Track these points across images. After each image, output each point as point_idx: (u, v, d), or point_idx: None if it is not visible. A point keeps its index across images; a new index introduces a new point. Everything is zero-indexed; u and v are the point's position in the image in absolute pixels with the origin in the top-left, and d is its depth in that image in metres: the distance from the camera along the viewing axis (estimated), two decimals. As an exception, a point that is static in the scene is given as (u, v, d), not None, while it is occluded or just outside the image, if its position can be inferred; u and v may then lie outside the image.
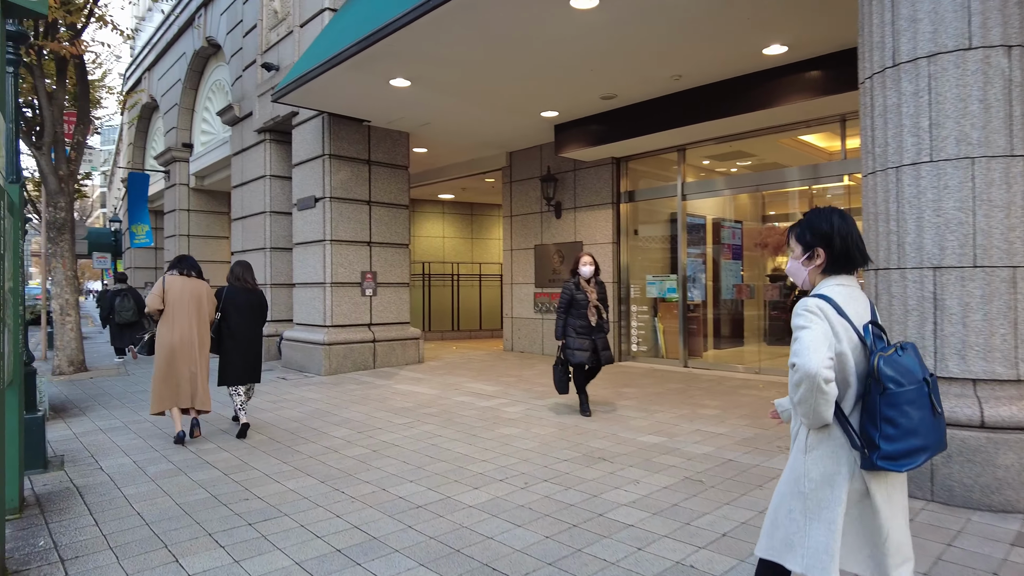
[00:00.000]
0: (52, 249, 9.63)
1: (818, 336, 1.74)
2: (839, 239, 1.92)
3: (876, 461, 1.73)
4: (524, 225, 11.56)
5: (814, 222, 1.97)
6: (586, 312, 6.02)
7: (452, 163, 12.68)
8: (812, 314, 1.80)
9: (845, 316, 1.81)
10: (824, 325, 1.78)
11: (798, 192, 9.03)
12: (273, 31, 10.69)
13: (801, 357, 1.73)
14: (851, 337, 1.81)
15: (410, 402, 6.98)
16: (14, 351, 3.80)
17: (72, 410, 6.89)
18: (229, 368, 5.81)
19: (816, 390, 1.71)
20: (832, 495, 1.81)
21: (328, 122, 9.29)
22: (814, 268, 1.97)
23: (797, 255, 2.01)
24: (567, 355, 6.06)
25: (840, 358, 1.79)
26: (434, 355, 11.20)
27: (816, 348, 1.72)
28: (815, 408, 1.74)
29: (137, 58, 19.43)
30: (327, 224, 9.24)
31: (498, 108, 8.92)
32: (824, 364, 1.70)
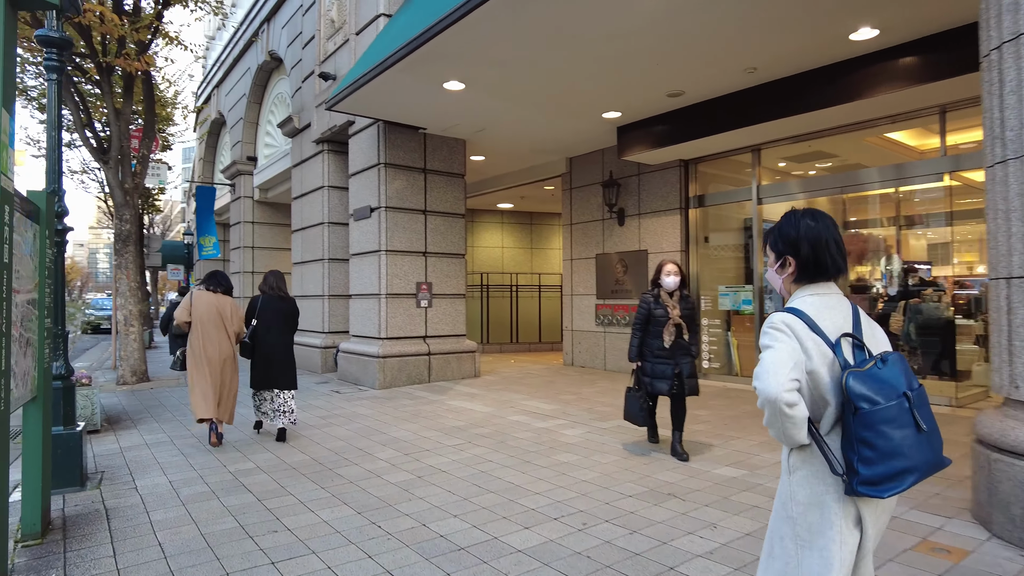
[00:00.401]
0: (118, 261, 9.80)
1: (781, 356, 1.63)
2: (807, 245, 1.77)
3: (856, 487, 1.58)
4: (585, 234, 11.04)
5: (783, 227, 1.84)
6: (663, 331, 5.07)
7: (510, 171, 12.31)
8: (777, 331, 1.67)
9: (817, 330, 1.67)
10: (790, 343, 1.65)
11: (885, 195, 8.18)
12: (330, 40, 10.63)
13: (761, 380, 1.62)
14: (824, 352, 1.66)
15: (462, 420, 6.57)
16: (38, 366, 3.59)
17: (125, 422, 6.82)
18: (257, 372, 5.97)
19: (779, 414, 1.59)
20: (822, 519, 1.66)
21: (383, 130, 9.08)
22: (787, 277, 1.83)
23: (772, 263, 1.88)
24: (644, 383, 5.13)
25: (812, 376, 1.65)
26: (491, 368, 10.79)
27: (777, 370, 1.60)
28: (783, 431, 1.63)
29: (207, 76, 20.07)
30: (382, 234, 9.01)
31: (557, 110, 8.48)
32: (784, 387, 1.58)
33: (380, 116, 8.87)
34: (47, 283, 3.71)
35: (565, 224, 11.51)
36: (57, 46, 4.64)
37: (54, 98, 4.64)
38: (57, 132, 4.64)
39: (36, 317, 3.56)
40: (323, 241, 10.93)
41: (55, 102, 4.64)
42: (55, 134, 4.63)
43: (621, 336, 10.23)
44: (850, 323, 1.73)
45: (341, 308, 10.87)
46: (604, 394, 8.08)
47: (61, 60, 4.68)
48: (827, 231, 1.77)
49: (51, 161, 4.62)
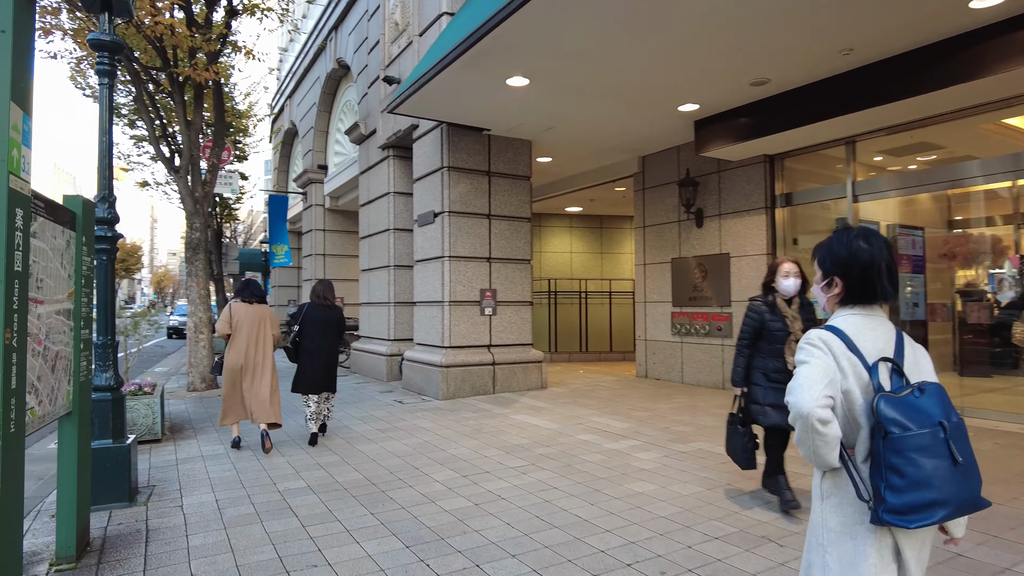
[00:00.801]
0: (189, 268, 9.93)
1: (815, 372, 1.61)
2: (857, 268, 1.70)
3: (882, 515, 1.51)
4: (659, 236, 10.39)
5: (834, 246, 1.77)
6: (783, 349, 4.06)
7: (578, 172, 11.80)
8: (813, 347, 1.65)
9: (855, 350, 1.64)
10: (826, 359, 1.62)
11: (999, 190, 7.19)
12: (394, 44, 10.47)
13: (794, 395, 1.60)
14: (860, 373, 1.62)
15: (526, 438, 6.11)
16: (73, 379, 3.39)
17: (187, 431, 6.75)
18: (302, 377, 6.19)
19: (811, 431, 1.56)
20: (855, 549, 1.60)
21: (447, 133, 8.79)
22: (832, 297, 1.77)
23: (818, 280, 1.82)
24: (752, 412, 4.15)
25: (847, 397, 1.62)
26: (559, 379, 10.29)
27: (811, 385, 1.58)
28: (814, 450, 1.59)
29: (281, 87, 20.59)
30: (445, 239, 8.70)
31: (628, 105, 7.93)
32: (818, 403, 1.55)
33: (443, 118, 8.57)
34: (84, 292, 3.52)
35: (638, 227, 10.89)
36: (109, 50, 4.53)
37: (105, 103, 4.52)
38: (108, 137, 4.52)
39: (71, 329, 3.36)
40: (389, 248, 10.76)
41: (106, 107, 4.52)
42: (105, 139, 4.51)
43: (700, 347, 9.52)
44: (892, 348, 1.67)
45: (406, 315, 10.66)
46: (682, 411, 7.44)
47: (113, 64, 4.57)
48: (880, 255, 1.69)
49: (102, 167, 4.50)
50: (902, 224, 8.49)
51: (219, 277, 23.22)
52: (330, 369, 6.30)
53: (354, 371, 12.13)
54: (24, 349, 2.58)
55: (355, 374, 11.82)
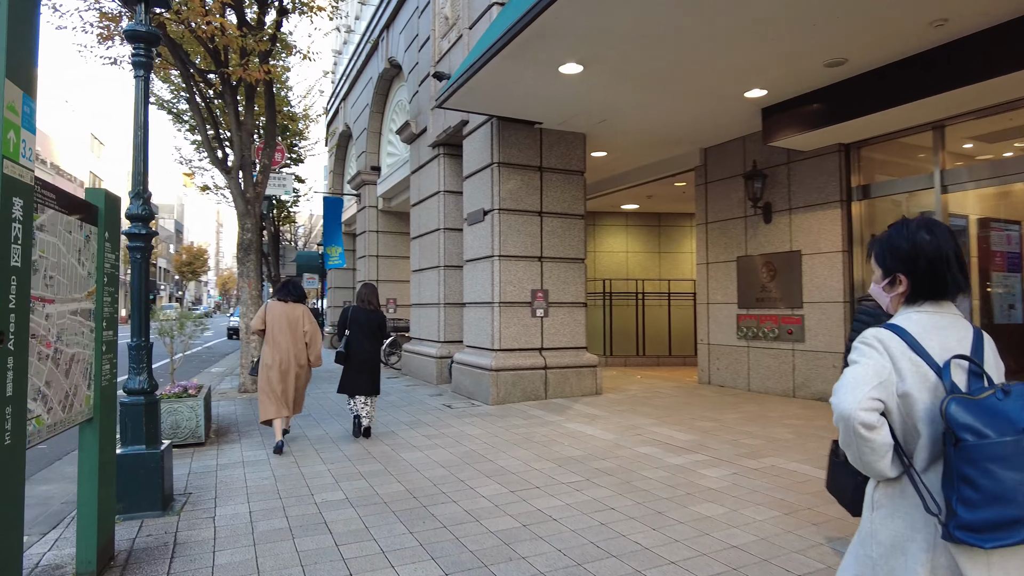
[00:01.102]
0: (240, 270, 9.93)
1: (864, 373, 1.46)
2: (923, 261, 1.54)
3: (953, 531, 1.34)
4: (723, 233, 9.77)
5: (893, 240, 1.61)
6: None
7: (635, 167, 11.27)
8: (867, 346, 1.51)
9: (919, 350, 1.47)
10: (879, 360, 1.47)
11: None
12: (444, 39, 10.21)
13: (836, 395, 1.46)
14: (924, 375, 1.45)
15: (580, 449, 5.68)
16: (94, 383, 3.18)
17: (232, 434, 6.62)
18: (346, 379, 6.38)
19: (854, 435, 1.42)
20: (906, 566, 1.44)
21: (497, 127, 8.45)
22: (896, 296, 1.60)
23: (877, 279, 1.66)
24: None
25: (905, 401, 1.45)
26: (615, 385, 9.80)
27: (856, 386, 1.44)
28: (860, 457, 1.45)
29: (335, 90, 20.75)
30: (495, 238, 8.36)
31: (690, 93, 7.40)
32: (861, 405, 1.40)
33: (492, 111, 8.24)
34: (108, 291, 3.31)
35: (699, 223, 10.29)
36: (145, 41, 4.36)
37: (141, 97, 4.36)
38: (143, 132, 4.35)
39: (91, 330, 3.15)
40: (439, 248, 10.52)
41: (142, 101, 4.36)
42: (141, 134, 4.34)
43: (768, 352, 8.86)
44: (967, 348, 1.51)
45: (456, 317, 10.38)
46: (750, 422, 6.86)
47: (149, 56, 4.40)
48: (947, 244, 1.56)
49: (137, 162, 4.34)
50: (995, 218, 7.69)
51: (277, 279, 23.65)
52: (373, 371, 6.42)
53: (405, 373, 11.95)
54: (25, 352, 2.34)
55: (406, 376, 11.63)
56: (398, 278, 16.15)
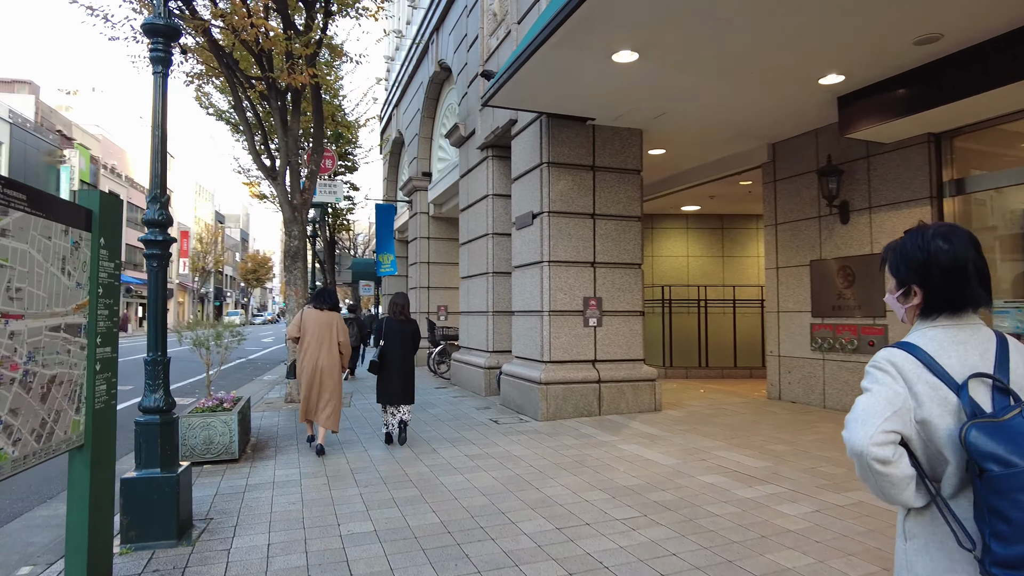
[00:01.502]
0: (287, 277, 9.77)
1: (876, 402, 1.36)
2: (938, 272, 1.43)
3: (989, 568, 1.24)
4: (795, 235, 8.97)
5: (907, 248, 1.50)
6: None
7: (696, 165, 10.56)
8: (878, 371, 1.40)
9: (937, 370, 1.36)
10: (892, 386, 1.36)
11: None
12: (492, 36, 9.81)
13: (848, 428, 1.37)
14: (944, 398, 1.34)
15: (637, 476, 5.10)
16: (86, 406, 2.85)
17: (268, 449, 6.34)
18: (382, 388, 6.48)
19: (869, 471, 1.33)
20: None
21: (546, 125, 7.97)
22: (911, 308, 1.51)
23: (892, 289, 1.56)
24: None
25: (925, 427, 1.35)
26: (675, 400, 9.12)
27: (867, 419, 1.34)
28: (880, 490, 1.36)
29: (388, 97, 20.72)
30: (544, 243, 7.86)
31: (757, 81, 6.72)
32: (874, 440, 1.31)
33: (541, 108, 7.76)
34: (104, 303, 2.99)
35: (768, 225, 9.51)
36: (163, 35, 4.08)
37: (159, 94, 4.08)
38: (160, 132, 4.07)
39: (83, 347, 2.83)
40: (487, 253, 10.10)
41: (160, 100, 4.08)
42: (159, 134, 4.06)
43: (846, 366, 8.03)
44: (990, 361, 1.38)
45: (506, 325, 9.92)
46: (828, 445, 6.11)
47: (167, 51, 4.12)
48: (965, 252, 1.42)
49: (155, 165, 4.06)
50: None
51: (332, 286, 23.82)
52: (407, 381, 6.49)
53: (454, 383, 11.58)
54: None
55: (454, 386, 11.25)
56: (449, 284, 15.85)
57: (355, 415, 8.39)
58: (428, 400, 9.53)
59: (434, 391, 10.68)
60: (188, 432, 5.72)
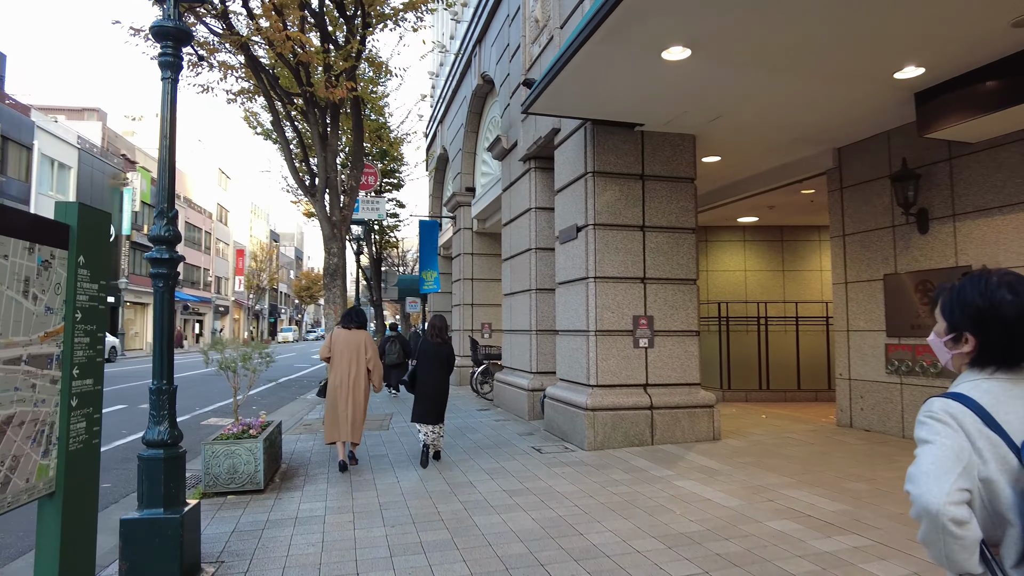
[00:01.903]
0: (326, 295, 9.53)
1: (944, 456, 1.25)
2: (998, 326, 1.33)
3: None
4: (865, 247, 8.20)
5: (967, 294, 1.39)
6: None
7: (754, 174, 9.88)
8: (939, 423, 1.30)
9: (995, 426, 1.26)
10: (956, 440, 1.26)
11: None
12: (535, 43, 9.43)
13: (917, 485, 1.25)
14: (1003, 457, 1.24)
15: (695, 520, 4.51)
16: (60, 447, 2.50)
17: (297, 478, 5.99)
18: (417, 408, 6.55)
19: (942, 533, 1.21)
20: None
21: (591, 133, 7.49)
22: (959, 355, 1.41)
23: (940, 331, 1.46)
24: None
25: (987, 486, 1.25)
26: (735, 427, 8.40)
27: (939, 474, 1.23)
28: (947, 555, 1.23)
29: (433, 114, 20.64)
30: (590, 257, 7.35)
31: (823, 77, 6.09)
32: (951, 499, 1.20)
33: (585, 114, 7.30)
34: (84, 330, 2.65)
35: (835, 236, 8.74)
36: (173, 38, 3.81)
37: (168, 101, 3.80)
38: (168, 141, 3.78)
39: (52, 380, 2.48)
40: (530, 269, 9.64)
41: (168, 107, 3.79)
42: (167, 144, 3.77)
43: (927, 391, 7.20)
44: None
45: (550, 345, 9.41)
46: (918, 484, 5.35)
47: (177, 55, 3.84)
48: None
49: (163, 178, 3.76)
50: None
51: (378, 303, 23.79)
52: (439, 402, 6.55)
53: (496, 404, 11.11)
54: None
55: (497, 408, 10.77)
56: (493, 302, 15.44)
57: (391, 439, 8.01)
58: (469, 424, 9.08)
59: (476, 413, 10.23)
60: (212, 460, 5.42)
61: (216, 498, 5.35)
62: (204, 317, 50.00)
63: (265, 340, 63.93)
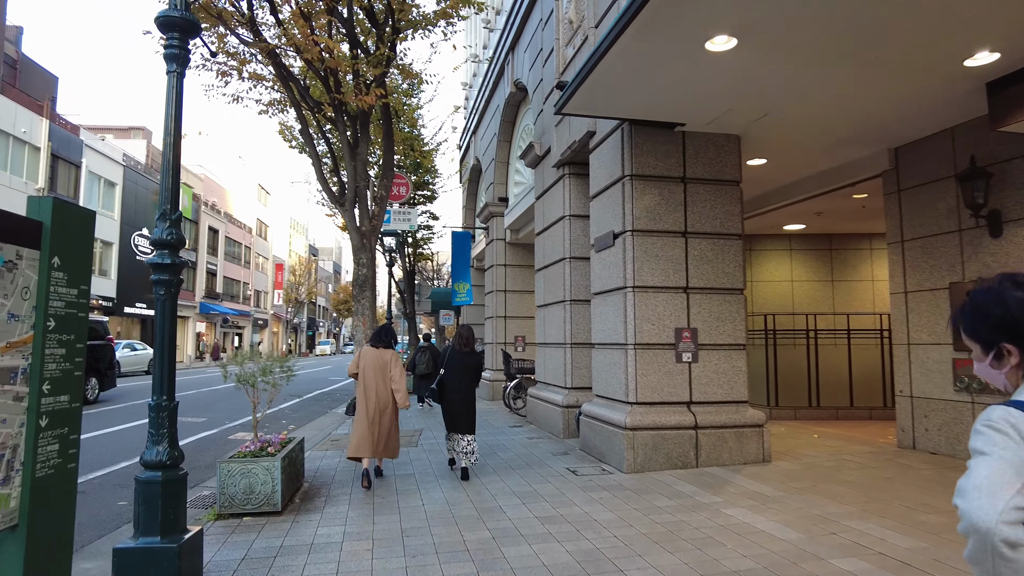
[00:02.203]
0: (355, 307, 9.29)
1: (1001, 470, 1.14)
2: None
3: None
4: (928, 254, 7.57)
5: (980, 307, 1.35)
6: None
7: (802, 177, 9.31)
8: (996, 432, 1.19)
9: None
10: (1018, 452, 1.15)
11: None
12: (569, 45, 9.09)
13: (968, 500, 1.14)
14: None
15: (749, 556, 4.02)
16: (25, 473, 2.20)
17: (318, 498, 5.68)
18: (446, 418, 6.71)
19: (992, 555, 1.10)
20: None
21: (629, 134, 7.09)
22: (1011, 369, 1.31)
23: (979, 356, 1.37)
24: None
25: None
26: (786, 447, 7.82)
27: (994, 489, 1.12)
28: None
29: (466, 125, 20.48)
30: (628, 265, 6.92)
31: (882, 66, 5.58)
32: (1004, 518, 1.09)
33: (622, 113, 6.90)
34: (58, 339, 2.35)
35: (892, 242, 8.13)
36: (180, 29, 3.57)
37: (172, 95, 3.54)
38: (173, 138, 3.52)
39: (16, 397, 2.19)
40: (564, 279, 9.24)
41: (173, 103, 3.54)
42: (171, 140, 3.51)
43: (1006, 410, 6.52)
44: None
45: (585, 359, 8.97)
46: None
47: (183, 47, 3.60)
48: None
49: (166, 177, 3.50)
50: None
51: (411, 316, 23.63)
52: (469, 411, 6.62)
53: (530, 420, 10.68)
54: None
55: (531, 425, 10.35)
56: (527, 314, 15.05)
57: (419, 456, 7.66)
58: (500, 442, 8.68)
59: (508, 430, 9.83)
60: (227, 479, 5.14)
61: (231, 520, 5.07)
62: (243, 330, 50.80)
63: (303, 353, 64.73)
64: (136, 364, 25.07)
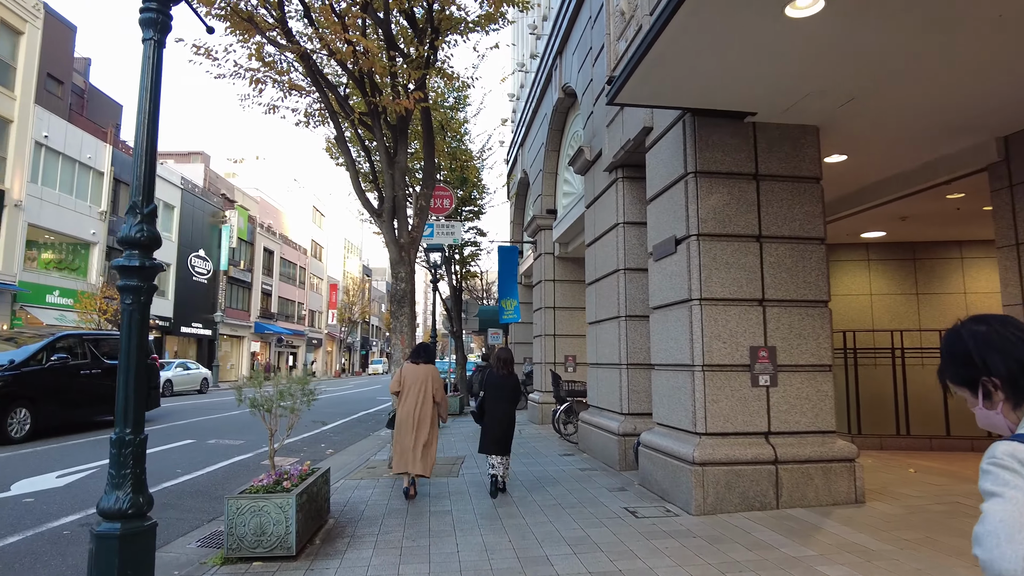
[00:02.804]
0: (393, 324, 8.71)
1: (1013, 511, 1.06)
2: (994, 353, 1.26)
3: None
4: (1049, 259, 6.45)
5: (947, 349, 1.37)
6: None
7: (886, 176, 8.26)
8: (1005, 470, 1.11)
9: None
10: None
11: None
12: (620, 39, 8.35)
13: (985, 548, 1.05)
14: None
15: (868, 641, 3.11)
16: None
17: (342, 539, 5.01)
18: (484, 439, 6.74)
19: None
20: None
21: (691, 126, 6.30)
22: (1004, 406, 1.28)
23: (972, 402, 1.35)
24: None
25: None
26: (878, 484, 6.75)
27: (1011, 534, 1.03)
28: None
29: (513, 139, 19.97)
30: (692, 275, 6.08)
31: (999, 34, 4.63)
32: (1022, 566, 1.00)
33: (684, 103, 6.12)
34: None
35: (1003, 246, 7.00)
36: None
37: (150, 68, 2.98)
38: (148, 118, 2.95)
39: None
40: (618, 293, 8.42)
41: (150, 73, 2.97)
42: (145, 120, 2.94)
43: None
44: None
45: (643, 381, 8.10)
46: None
47: (162, 12, 3.04)
48: (1005, 327, 1.29)
49: (138, 164, 2.92)
50: None
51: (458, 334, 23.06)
52: (506, 433, 6.71)
53: (581, 448, 9.83)
54: None
55: (583, 453, 9.49)
56: (578, 332, 14.23)
57: (460, 488, 6.94)
58: (549, 473, 7.87)
59: (558, 459, 9.00)
60: (236, 518, 4.52)
61: (240, 564, 4.45)
62: (298, 349, 51.45)
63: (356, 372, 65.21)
64: (189, 383, 25.31)
